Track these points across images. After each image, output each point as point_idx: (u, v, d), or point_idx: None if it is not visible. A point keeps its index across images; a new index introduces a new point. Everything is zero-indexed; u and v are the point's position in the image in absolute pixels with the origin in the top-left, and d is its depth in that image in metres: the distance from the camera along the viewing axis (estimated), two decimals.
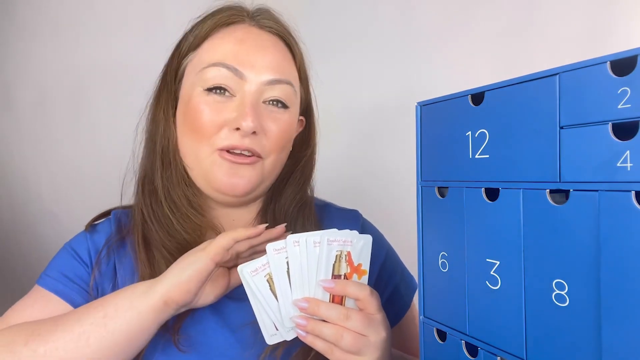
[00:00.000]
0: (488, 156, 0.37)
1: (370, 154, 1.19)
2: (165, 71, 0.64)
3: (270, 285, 0.50)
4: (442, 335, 0.42)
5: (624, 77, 0.28)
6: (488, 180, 0.37)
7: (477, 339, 0.38)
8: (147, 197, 0.61)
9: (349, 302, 0.51)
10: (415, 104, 0.45)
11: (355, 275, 0.52)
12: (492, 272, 0.37)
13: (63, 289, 0.57)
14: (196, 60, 0.59)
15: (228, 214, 0.64)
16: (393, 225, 0.78)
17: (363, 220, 0.71)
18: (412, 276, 0.71)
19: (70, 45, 1.39)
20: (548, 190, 0.33)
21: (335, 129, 1.03)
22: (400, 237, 0.74)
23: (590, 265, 0.30)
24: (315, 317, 0.49)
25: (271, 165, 0.61)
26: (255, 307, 0.51)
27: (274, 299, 0.50)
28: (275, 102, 0.59)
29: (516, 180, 0.35)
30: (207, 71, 0.57)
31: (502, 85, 0.36)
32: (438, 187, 0.43)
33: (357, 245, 0.51)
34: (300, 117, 0.67)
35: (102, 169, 1.11)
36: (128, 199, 0.65)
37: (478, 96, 0.38)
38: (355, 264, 0.51)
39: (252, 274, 0.50)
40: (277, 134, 0.59)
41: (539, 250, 0.33)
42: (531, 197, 0.34)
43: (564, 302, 0.32)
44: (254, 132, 0.56)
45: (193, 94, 0.58)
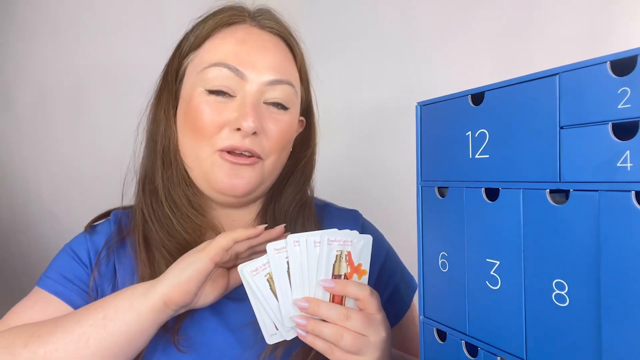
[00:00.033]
0: (488, 156, 0.37)
1: (370, 154, 1.19)
2: (166, 71, 0.64)
3: (270, 285, 0.50)
4: (442, 335, 0.43)
5: (624, 77, 0.28)
6: (488, 180, 0.37)
7: (477, 339, 0.38)
8: (148, 197, 0.61)
9: (349, 302, 0.51)
10: (415, 104, 0.45)
11: (355, 275, 0.52)
12: (492, 272, 0.37)
13: (63, 290, 0.57)
14: (197, 60, 0.59)
15: (228, 215, 0.64)
16: (393, 225, 0.78)
17: (363, 220, 0.71)
18: (412, 276, 0.71)
19: (70, 45, 1.39)
20: (548, 190, 0.33)
21: (335, 129, 1.03)
22: (400, 237, 0.74)
23: (590, 265, 0.30)
24: (315, 317, 0.49)
25: (271, 166, 0.61)
26: (255, 306, 0.51)
27: (274, 298, 0.50)
28: (276, 104, 0.59)
29: (516, 180, 0.35)
30: (208, 71, 0.57)
31: (502, 85, 0.36)
32: (438, 187, 0.43)
33: (357, 245, 0.51)
34: (300, 118, 0.67)
35: (102, 169, 1.11)
36: (129, 199, 0.65)
37: (478, 96, 0.38)
38: (356, 264, 0.51)
39: (253, 274, 0.50)
40: (278, 134, 0.59)
41: (539, 250, 0.33)
42: (531, 197, 0.34)
43: (564, 302, 0.32)
44: (254, 133, 0.56)
45: (194, 94, 0.58)
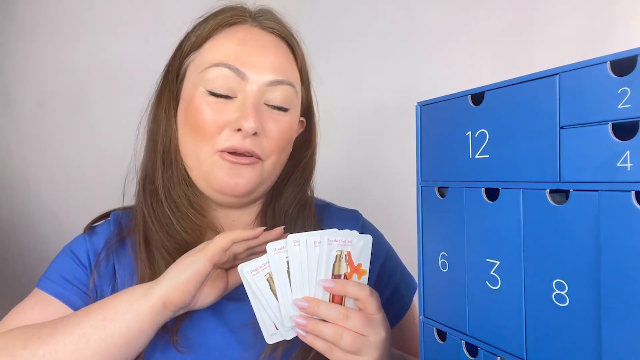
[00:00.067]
0: (488, 156, 0.37)
1: (371, 154, 1.19)
2: (166, 70, 0.64)
3: (270, 285, 0.50)
4: (442, 335, 0.43)
5: (624, 77, 0.28)
6: (488, 180, 0.37)
7: (477, 339, 0.38)
8: (148, 196, 0.61)
9: (348, 302, 0.51)
10: (415, 104, 0.45)
11: (355, 275, 0.52)
12: (492, 272, 0.37)
13: (62, 291, 0.57)
14: (198, 60, 0.59)
15: (228, 215, 0.64)
16: (393, 225, 0.78)
17: (363, 220, 0.71)
18: (412, 276, 0.71)
19: (70, 45, 1.39)
20: (548, 190, 0.33)
21: (335, 129, 1.03)
22: (400, 237, 0.74)
23: (590, 265, 0.30)
24: (315, 317, 0.49)
25: (271, 167, 0.61)
26: (255, 306, 0.51)
27: (274, 298, 0.50)
28: (277, 107, 0.59)
29: (516, 180, 0.35)
30: (209, 71, 0.57)
31: (502, 85, 0.36)
32: (438, 187, 0.43)
33: (357, 245, 0.51)
34: (301, 118, 0.67)
35: (102, 169, 1.11)
36: (130, 199, 0.65)
37: (478, 96, 0.38)
38: (355, 264, 0.51)
39: (252, 273, 0.50)
40: (278, 135, 0.59)
41: (539, 250, 0.33)
42: (531, 197, 0.34)
43: (564, 302, 0.32)
44: (255, 134, 0.56)
45: (195, 94, 0.58)
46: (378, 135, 1.17)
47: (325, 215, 0.69)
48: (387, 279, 0.67)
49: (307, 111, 0.68)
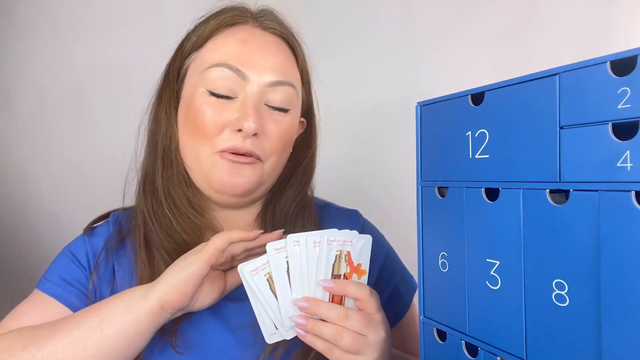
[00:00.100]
0: (488, 156, 0.37)
1: (371, 154, 1.19)
2: (167, 70, 0.64)
3: (270, 285, 0.50)
4: (442, 335, 0.43)
5: (624, 77, 0.28)
6: (488, 180, 0.37)
7: (477, 339, 0.38)
8: (148, 196, 0.61)
9: (348, 302, 0.51)
10: (415, 104, 0.45)
11: (355, 275, 0.52)
12: (492, 272, 0.37)
13: (62, 293, 0.57)
14: (199, 60, 0.59)
15: (228, 215, 0.64)
16: (393, 225, 0.78)
17: (363, 220, 0.71)
18: (412, 276, 0.71)
19: (70, 45, 1.39)
20: (548, 190, 0.33)
21: (336, 130, 1.03)
22: (400, 237, 0.74)
23: (590, 265, 0.30)
24: (314, 317, 0.49)
25: (271, 168, 0.61)
26: (255, 306, 0.51)
27: (274, 298, 0.50)
28: (277, 108, 0.59)
29: (516, 180, 0.35)
30: (210, 72, 0.57)
31: (502, 85, 0.36)
32: (438, 187, 0.43)
33: (357, 245, 0.51)
34: (301, 119, 0.67)
35: (102, 169, 1.11)
36: (130, 199, 0.65)
37: (478, 96, 0.38)
38: (355, 264, 0.51)
39: (252, 273, 0.50)
40: (278, 135, 0.59)
41: (539, 250, 0.33)
42: (531, 197, 0.34)
43: (564, 302, 0.32)
44: (255, 134, 0.56)
45: (195, 94, 0.58)
46: (378, 135, 1.17)
47: (325, 215, 0.69)
48: (387, 279, 0.67)
49: (308, 112, 0.68)
